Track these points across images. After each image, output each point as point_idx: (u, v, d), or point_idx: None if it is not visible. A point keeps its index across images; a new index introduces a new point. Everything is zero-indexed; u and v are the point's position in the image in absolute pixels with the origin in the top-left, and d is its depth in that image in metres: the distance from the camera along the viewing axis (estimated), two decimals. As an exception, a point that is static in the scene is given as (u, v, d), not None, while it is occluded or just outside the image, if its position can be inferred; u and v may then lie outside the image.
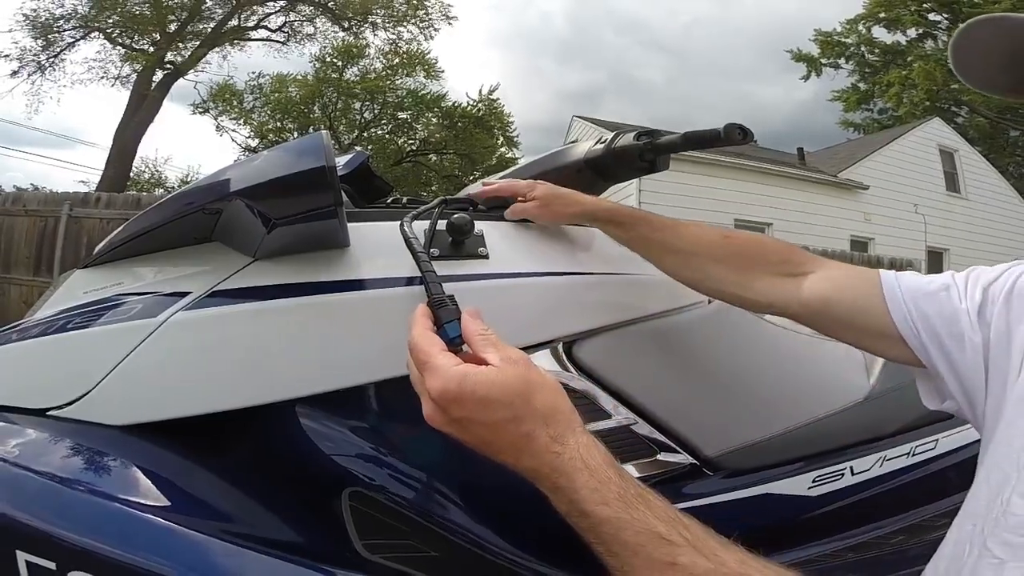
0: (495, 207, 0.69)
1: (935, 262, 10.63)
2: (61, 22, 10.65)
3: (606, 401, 0.61)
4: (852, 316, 0.48)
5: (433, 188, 15.49)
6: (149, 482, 0.50)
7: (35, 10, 10.32)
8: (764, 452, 0.63)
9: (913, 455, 0.68)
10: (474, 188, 0.84)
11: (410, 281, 0.54)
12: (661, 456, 0.61)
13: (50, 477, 0.48)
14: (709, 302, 0.70)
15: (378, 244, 0.57)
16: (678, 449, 0.62)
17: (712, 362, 0.67)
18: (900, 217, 10.46)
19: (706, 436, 0.62)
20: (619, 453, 0.59)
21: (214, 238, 0.56)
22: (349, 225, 0.54)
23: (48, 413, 0.52)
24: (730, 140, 0.60)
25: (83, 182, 14.79)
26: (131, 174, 12.34)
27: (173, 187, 15.96)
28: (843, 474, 0.65)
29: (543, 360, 0.60)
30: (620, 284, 0.64)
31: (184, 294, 0.53)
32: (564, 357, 0.61)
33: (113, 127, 10.76)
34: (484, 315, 0.54)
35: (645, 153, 0.67)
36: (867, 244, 10.19)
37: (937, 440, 0.70)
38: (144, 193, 13.27)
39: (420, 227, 0.58)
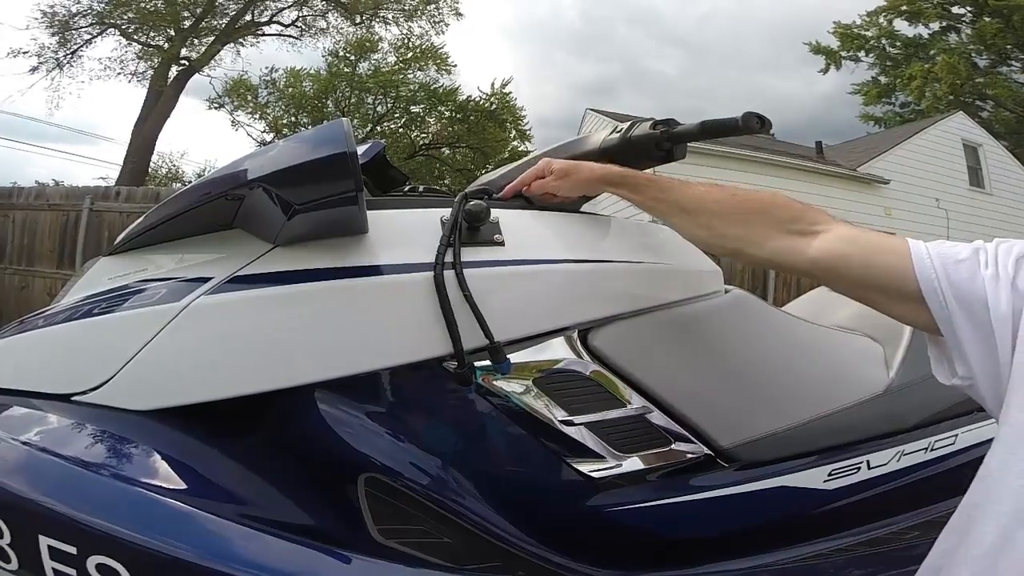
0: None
1: (958, 258, 10.36)
2: (77, 18, 10.81)
3: (621, 389, 0.61)
4: (870, 275, 0.48)
5: (446, 182, 15.50)
6: (169, 467, 0.51)
7: (52, 7, 10.49)
8: (779, 444, 0.63)
9: (932, 450, 0.67)
10: (487, 177, 0.84)
11: (427, 267, 0.54)
12: (675, 446, 0.61)
13: (73, 462, 0.49)
14: (726, 291, 0.70)
15: (396, 231, 0.57)
16: (692, 439, 0.62)
17: (728, 352, 0.66)
18: (922, 212, 10.22)
19: (721, 427, 0.62)
20: (633, 441, 0.60)
21: (235, 225, 0.57)
22: (372, 212, 0.54)
23: (72, 398, 0.54)
24: (748, 128, 0.59)
25: (103, 178, 15.05)
26: (149, 169, 12.52)
27: (190, 181, 16.18)
28: (859, 468, 0.64)
29: (558, 347, 0.60)
30: (636, 272, 0.64)
31: (206, 279, 0.53)
32: (579, 344, 0.61)
33: (131, 123, 10.94)
34: (499, 301, 0.55)
35: (662, 142, 0.66)
36: (887, 239, 9.97)
37: (957, 435, 0.68)
38: (163, 187, 13.48)
39: (436, 217, 0.58)
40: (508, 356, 0.55)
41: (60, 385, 0.54)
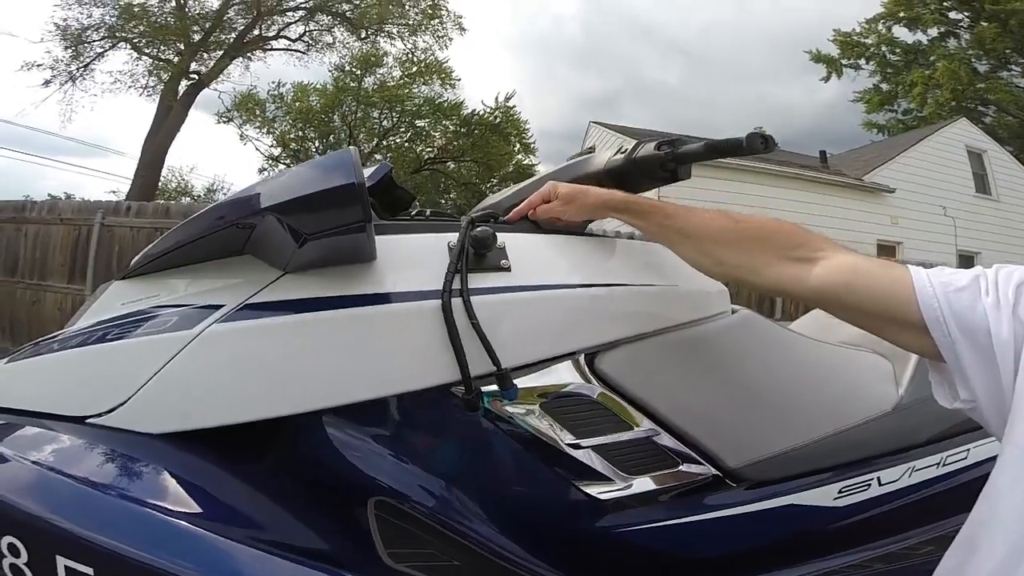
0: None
1: (966, 266, 10.10)
2: (90, 32, 11.00)
3: (628, 412, 0.61)
4: (872, 303, 0.48)
5: (451, 196, 15.61)
6: (182, 489, 0.52)
7: (65, 20, 10.70)
8: (788, 463, 0.63)
9: (943, 465, 0.67)
10: (494, 198, 0.85)
11: (434, 295, 0.55)
12: (683, 467, 0.61)
13: (88, 483, 0.50)
14: (733, 312, 0.70)
15: (404, 257, 0.58)
16: (700, 460, 0.62)
17: (735, 372, 0.66)
18: (928, 220, 10.16)
19: (729, 447, 0.62)
20: (641, 463, 0.60)
21: (246, 251, 0.58)
22: (379, 237, 0.55)
23: (87, 421, 0.54)
24: (752, 149, 0.60)
25: (113, 191, 15.24)
26: (159, 183, 12.68)
27: (199, 195, 16.37)
28: (870, 484, 0.64)
29: (565, 371, 0.61)
30: (642, 295, 0.64)
31: (217, 307, 0.54)
32: (586, 368, 0.62)
33: (141, 136, 11.08)
34: (506, 327, 0.56)
35: (667, 163, 0.67)
36: (895, 248, 9.92)
37: (969, 450, 0.68)
38: (172, 202, 13.63)
39: (444, 243, 0.59)
40: (515, 381, 0.55)
41: (74, 407, 0.55)
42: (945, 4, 14.28)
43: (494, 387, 0.55)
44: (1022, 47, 13.96)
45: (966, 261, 10.26)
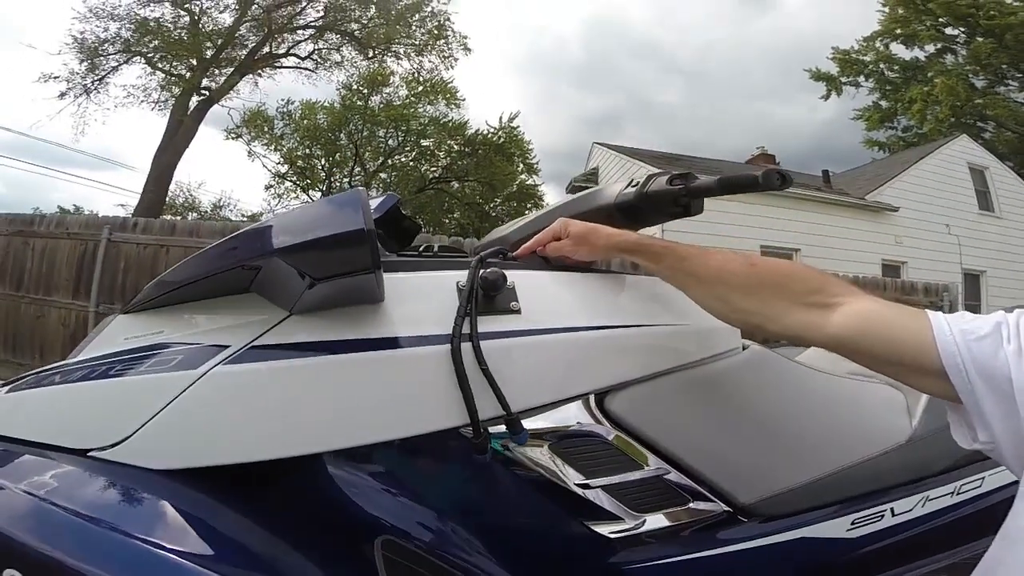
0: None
1: (972, 284, 10.24)
2: (106, 45, 11.22)
3: (638, 451, 0.61)
4: (890, 350, 0.48)
5: (455, 215, 15.72)
6: (185, 524, 0.51)
7: (83, 32, 10.92)
8: (802, 497, 0.62)
9: (957, 494, 0.67)
10: (502, 230, 0.85)
11: (443, 339, 0.54)
12: (694, 504, 0.61)
13: (90, 517, 0.49)
14: (744, 348, 0.70)
15: (412, 297, 0.57)
16: (712, 498, 0.61)
17: (747, 409, 0.66)
18: (933, 239, 10.12)
19: (741, 484, 0.62)
20: (651, 501, 0.60)
21: (252, 289, 0.57)
22: (386, 275, 0.54)
23: (89, 454, 0.54)
24: (768, 186, 0.59)
25: (122, 205, 15.39)
26: (166, 198, 12.81)
27: (206, 211, 16.54)
28: (883, 515, 0.64)
29: (573, 411, 0.61)
30: (653, 336, 0.64)
31: (223, 347, 0.54)
32: (595, 408, 0.62)
33: (152, 151, 11.21)
34: (516, 371, 0.55)
35: (679, 197, 0.66)
36: (899, 268, 9.86)
37: (984, 478, 0.68)
38: (179, 218, 13.77)
39: (452, 282, 0.58)
40: (523, 422, 0.55)
41: (77, 440, 0.54)
42: (941, 20, 14.47)
43: (502, 427, 0.55)
44: (1018, 61, 14.10)
45: (972, 280, 10.22)
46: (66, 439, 0.55)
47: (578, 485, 0.59)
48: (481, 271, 0.57)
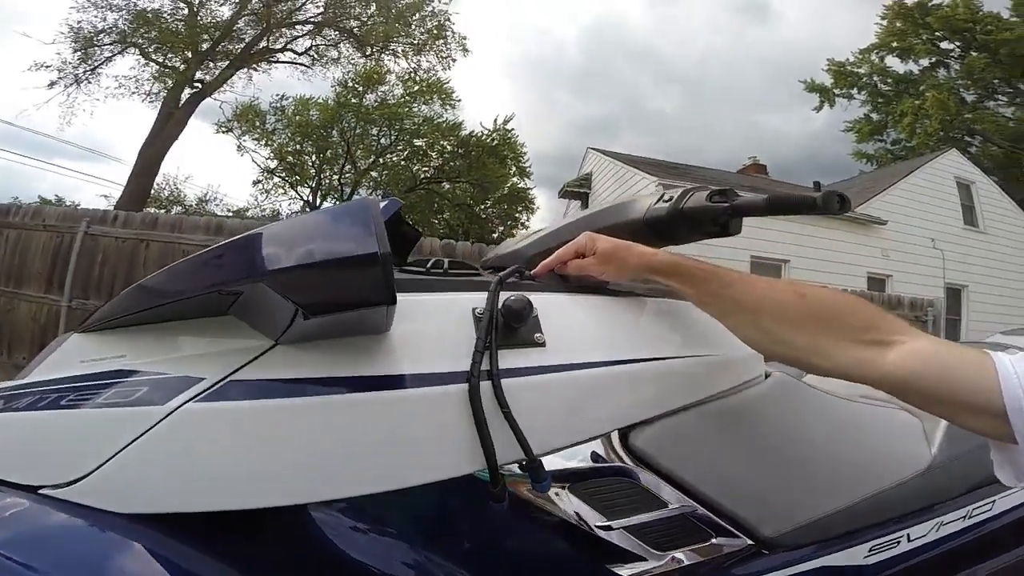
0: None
1: (954, 299, 10.41)
2: (102, 36, 11.05)
3: (661, 488, 0.58)
4: (949, 392, 0.46)
5: (444, 215, 15.65)
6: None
7: (79, 22, 10.71)
8: (824, 528, 0.61)
9: (969, 517, 0.68)
10: (514, 243, 0.78)
11: (455, 377, 0.47)
12: (717, 540, 0.60)
13: (33, 567, 0.42)
14: (766, 376, 0.68)
15: (421, 326, 0.50)
16: (737, 533, 0.59)
17: (770, 440, 0.64)
18: (918, 253, 10.27)
19: (765, 517, 0.60)
20: (674, 539, 0.58)
21: (230, 312, 0.49)
22: None
23: (40, 491, 0.47)
24: (827, 209, 0.53)
25: (105, 196, 15.13)
26: (152, 191, 12.58)
27: (191, 205, 16.25)
28: (900, 541, 0.64)
29: (596, 448, 0.57)
30: (682, 369, 0.59)
31: (196, 379, 0.46)
32: (618, 445, 0.58)
33: (139, 143, 11.04)
34: (539, 411, 0.49)
35: (719, 216, 0.60)
36: (884, 281, 9.99)
37: (994, 501, 0.69)
38: (162, 211, 13.51)
39: (468, 307, 0.51)
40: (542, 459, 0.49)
41: (27, 476, 0.47)
42: (938, 34, 14.75)
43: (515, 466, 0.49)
44: (1010, 76, 14.41)
45: (954, 294, 10.39)
46: (13, 474, 0.48)
47: (599, 527, 0.55)
48: (502, 297, 0.50)
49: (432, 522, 0.55)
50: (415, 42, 13.14)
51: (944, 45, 14.99)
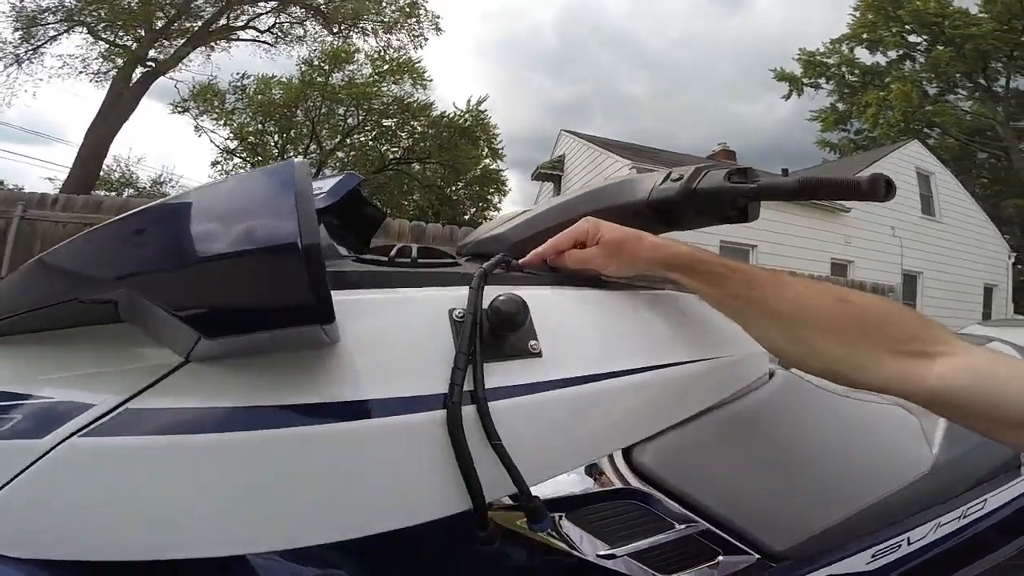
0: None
1: (909, 285, 10.91)
2: (46, 14, 10.40)
3: (667, 507, 0.53)
4: (1000, 405, 0.42)
5: (414, 197, 15.38)
6: None
7: (22, 1, 10.01)
8: (831, 537, 0.59)
9: (964, 516, 0.68)
10: (496, 226, 0.66)
11: (433, 401, 0.37)
12: (725, 558, 0.55)
13: None
14: (771, 376, 0.64)
15: (382, 335, 0.39)
16: (745, 549, 0.56)
17: (777, 448, 0.61)
18: (878, 240, 10.70)
19: (774, 530, 0.57)
20: (681, 560, 0.54)
21: (124, 320, 0.37)
22: (340, 295, 0.36)
23: None
24: (874, 194, 0.45)
25: (50, 179, 14.32)
26: (101, 173, 11.95)
27: (144, 187, 15.49)
28: (901, 545, 0.63)
29: (593, 464, 0.51)
30: (688, 375, 0.52)
31: (84, 406, 0.35)
32: (620, 463, 0.52)
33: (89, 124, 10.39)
34: (534, 438, 0.40)
35: (738, 198, 0.52)
36: (847, 267, 10.39)
37: (986, 500, 0.70)
38: (110, 194, 12.83)
39: (443, 308, 0.41)
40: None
41: None
42: (908, 27, 15.15)
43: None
44: (972, 71, 14.94)
45: (909, 281, 10.88)
46: None
47: (601, 556, 0.49)
48: (488, 295, 0.40)
49: (409, 558, 0.45)
50: (385, 20, 12.73)
51: (912, 38, 15.44)
